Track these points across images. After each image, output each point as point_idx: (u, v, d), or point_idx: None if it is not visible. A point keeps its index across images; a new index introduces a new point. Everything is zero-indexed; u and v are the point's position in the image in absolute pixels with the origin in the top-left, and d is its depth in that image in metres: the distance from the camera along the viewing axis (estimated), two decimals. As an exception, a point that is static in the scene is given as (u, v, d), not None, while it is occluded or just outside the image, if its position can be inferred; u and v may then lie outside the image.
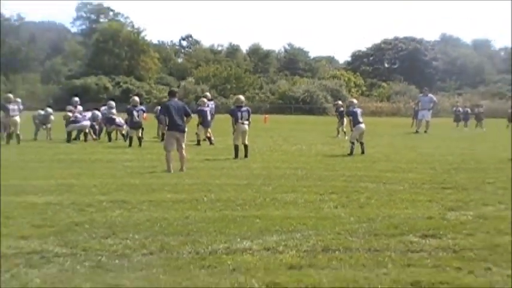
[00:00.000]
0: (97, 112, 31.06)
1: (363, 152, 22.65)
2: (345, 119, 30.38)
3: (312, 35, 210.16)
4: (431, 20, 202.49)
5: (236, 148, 21.24)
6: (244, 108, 21.62)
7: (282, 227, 9.92)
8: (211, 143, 27.05)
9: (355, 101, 25.67)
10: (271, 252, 8.45)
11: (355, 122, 23.35)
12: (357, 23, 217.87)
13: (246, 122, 21.46)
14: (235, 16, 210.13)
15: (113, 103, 30.74)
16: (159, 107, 21.43)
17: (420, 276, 7.33)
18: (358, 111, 23.87)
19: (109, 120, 29.73)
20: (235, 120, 21.28)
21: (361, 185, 14.79)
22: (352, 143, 22.92)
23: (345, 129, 31.82)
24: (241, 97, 22.62)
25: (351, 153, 22.51)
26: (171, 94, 18.97)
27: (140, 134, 26.81)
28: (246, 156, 21.14)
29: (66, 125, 29.31)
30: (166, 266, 7.73)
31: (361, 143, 23.08)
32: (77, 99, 31.05)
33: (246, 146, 21.34)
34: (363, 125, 23.41)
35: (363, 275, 7.40)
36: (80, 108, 30.73)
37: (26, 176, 16.29)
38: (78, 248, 8.56)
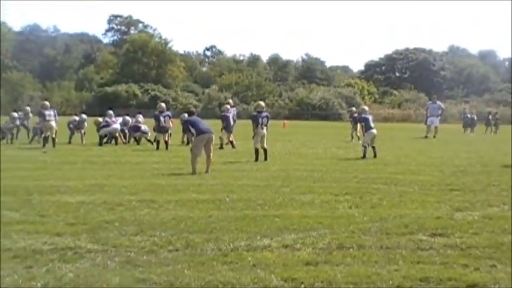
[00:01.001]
0: (127, 118, 31.17)
1: (375, 156, 22.56)
2: (358, 124, 30.29)
3: (328, 45, 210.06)
4: (440, 32, 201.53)
5: (256, 151, 21.22)
6: (264, 114, 21.64)
7: (299, 225, 9.90)
8: (233, 147, 27.01)
9: (366, 108, 25.58)
10: (289, 249, 8.44)
11: (367, 128, 23.29)
12: (370, 34, 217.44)
13: (265, 127, 21.48)
14: (256, 28, 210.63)
15: (141, 116, 30.79)
16: (186, 114, 21.44)
17: (429, 272, 7.29)
18: (370, 117, 23.80)
19: (134, 128, 29.82)
20: (256, 125, 21.29)
21: (373, 187, 14.73)
22: (365, 147, 22.85)
23: (358, 134, 31.69)
24: (262, 103, 22.67)
25: (363, 157, 22.44)
26: (190, 113, 19.28)
27: (167, 138, 26.86)
28: (265, 158, 21.13)
29: (98, 130, 29.41)
30: (191, 261, 7.73)
31: (373, 147, 22.99)
32: (111, 112, 30.96)
33: (265, 150, 21.34)
34: (374, 130, 23.31)
35: (375, 271, 7.36)
36: (110, 112, 30.75)
37: (60, 176, 16.39)
38: (109, 244, 8.58)
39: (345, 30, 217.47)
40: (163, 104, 28.91)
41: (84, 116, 31.35)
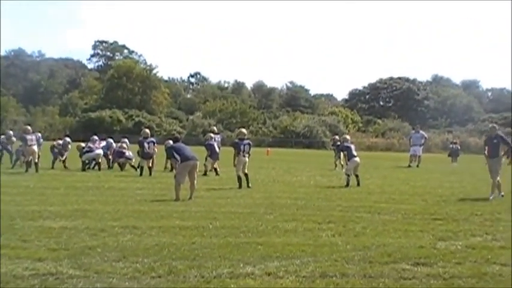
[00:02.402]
0: (111, 141, 31.16)
1: (358, 184, 22.67)
2: (341, 153, 30.39)
3: (312, 73, 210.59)
4: (424, 61, 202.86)
5: (239, 178, 21.29)
6: (246, 141, 21.80)
7: (282, 253, 9.90)
8: (217, 174, 27.02)
9: (348, 137, 25.90)
10: (272, 277, 8.44)
11: (350, 156, 23.49)
12: (354, 63, 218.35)
13: (247, 155, 21.64)
14: (241, 55, 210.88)
15: (126, 141, 30.78)
16: (170, 141, 21.40)
17: (412, 302, 7.30)
18: (352, 146, 24.13)
19: (118, 153, 29.82)
20: (238, 152, 21.43)
21: (356, 215, 14.74)
22: (348, 175, 23.00)
23: (342, 162, 31.80)
24: (244, 130, 22.94)
25: (347, 185, 22.57)
26: (176, 140, 19.31)
27: (151, 164, 26.88)
28: (248, 184, 21.22)
29: (80, 155, 29.30)
30: (174, 288, 7.70)
31: (356, 176, 23.12)
32: (96, 137, 30.87)
33: (246, 175, 21.54)
34: (357, 159, 23.55)
35: (358, 300, 7.36)
36: (95, 137, 30.66)
37: (43, 201, 16.31)
38: (91, 270, 8.55)
39: (329, 59, 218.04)
40: (147, 130, 29.00)
41: (68, 139, 31.22)
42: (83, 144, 29.96)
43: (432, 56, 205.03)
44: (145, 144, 27.07)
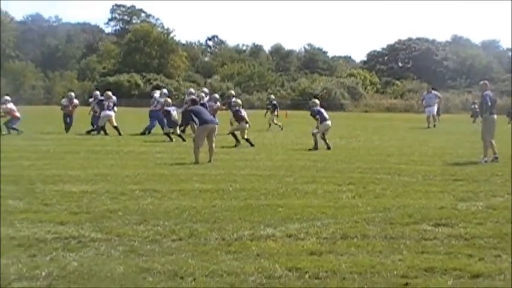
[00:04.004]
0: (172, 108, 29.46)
1: (328, 148, 22.16)
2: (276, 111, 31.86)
3: (330, 35, 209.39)
4: (443, 21, 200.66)
5: (234, 136, 23.47)
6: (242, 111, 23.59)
7: (303, 215, 9.91)
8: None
9: (317, 101, 25.49)
10: (293, 238, 8.46)
11: (322, 119, 23.03)
12: (373, 24, 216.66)
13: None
14: (258, 18, 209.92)
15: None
16: (187, 105, 21.18)
17: (433, 262, 7.28)
18: (323, 109, 23.88)
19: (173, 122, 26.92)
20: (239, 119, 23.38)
21: (376, 177, 14.71)
22: (315, 136, 22.55)
23: (275, 121, 33.66)
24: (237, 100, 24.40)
25: (315, 147, 22.10)
26: (193, 102, 19.30)
27: (178, 131, 26.00)
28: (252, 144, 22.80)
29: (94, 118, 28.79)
30: (195, 251, 7.74)
31: (324, 139, 22.65)
32: (110, 93, 29.95)
33: (247, 139, 23.12)
34: (329, 122, 23.21)
35: (380, 260, 7.36)
36: (109, 93, 29.80)
37: (63, 166, 16.40)
38: (113, 233, 8.60)
39: (347, 20, 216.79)
40: (169, 100, 28.18)
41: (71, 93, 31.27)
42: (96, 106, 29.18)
43: (451, 16, 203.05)
44: (172, 112, 26.18)
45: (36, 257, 7.46)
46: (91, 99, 30.33)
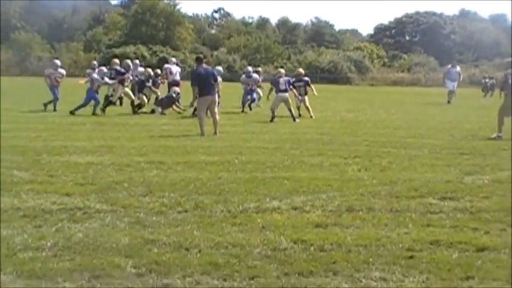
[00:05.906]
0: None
1: (294, 120, 22.12)
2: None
3: (337, 9, 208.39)
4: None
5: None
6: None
7: (308, 188, 9.90)
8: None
9: (282, 70, 24.37)
10: (298, 211, 8.44)
11: (276, 91, 22.91)
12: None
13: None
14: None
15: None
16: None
17: (439, 235, 7.27)
18: (281, 80, 22.78)
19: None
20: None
21: (383, 150, 14.68)
22: (272, 111, 22.31)
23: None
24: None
25: (271, 120, 21.92)
26: (199, 60, 18.73)
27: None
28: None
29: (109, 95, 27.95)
30: (200, 223, 7.74)
31: (290, 110, 22.48)
32: (117, 60, 28.67)
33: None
34: (284, 94, 22.58)
35: (385, 234, 7.35)
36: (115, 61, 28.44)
37: (69, 137, 16.42)
38: (118, 205, 8.60)
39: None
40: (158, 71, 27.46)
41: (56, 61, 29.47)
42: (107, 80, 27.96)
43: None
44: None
45: (41, 227, 7.47)
46: (89, 70, 29.45)
